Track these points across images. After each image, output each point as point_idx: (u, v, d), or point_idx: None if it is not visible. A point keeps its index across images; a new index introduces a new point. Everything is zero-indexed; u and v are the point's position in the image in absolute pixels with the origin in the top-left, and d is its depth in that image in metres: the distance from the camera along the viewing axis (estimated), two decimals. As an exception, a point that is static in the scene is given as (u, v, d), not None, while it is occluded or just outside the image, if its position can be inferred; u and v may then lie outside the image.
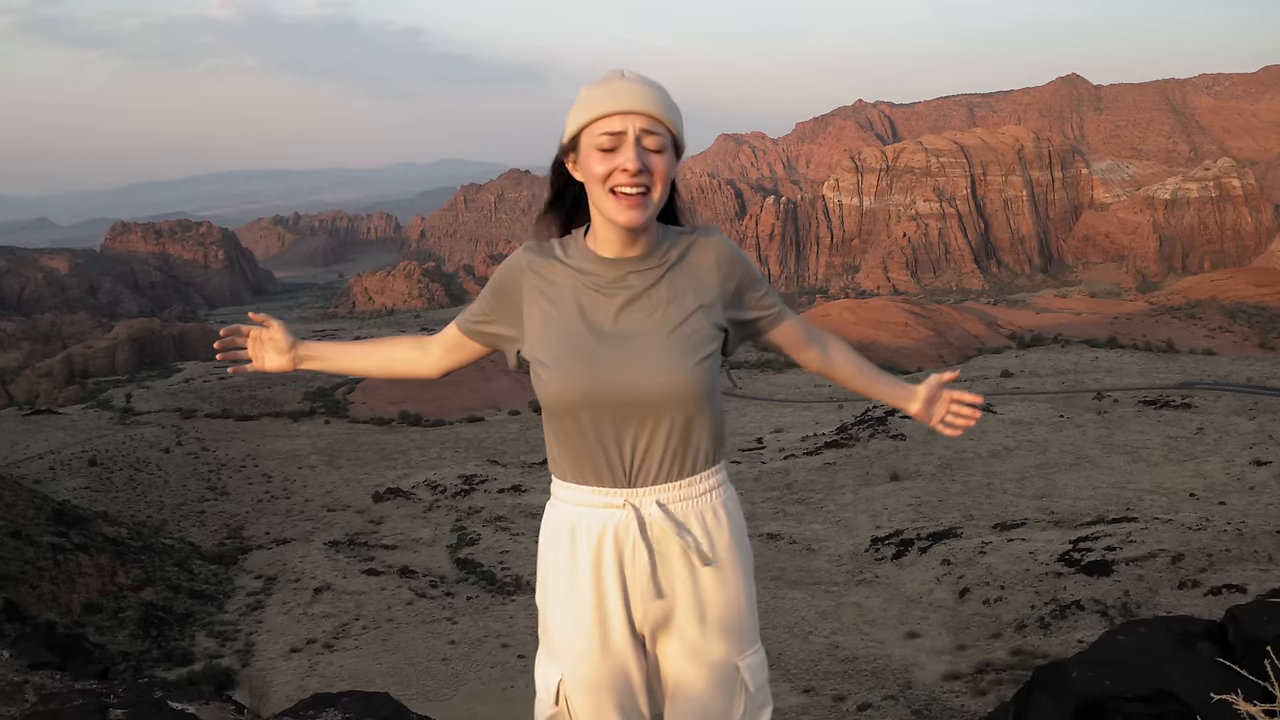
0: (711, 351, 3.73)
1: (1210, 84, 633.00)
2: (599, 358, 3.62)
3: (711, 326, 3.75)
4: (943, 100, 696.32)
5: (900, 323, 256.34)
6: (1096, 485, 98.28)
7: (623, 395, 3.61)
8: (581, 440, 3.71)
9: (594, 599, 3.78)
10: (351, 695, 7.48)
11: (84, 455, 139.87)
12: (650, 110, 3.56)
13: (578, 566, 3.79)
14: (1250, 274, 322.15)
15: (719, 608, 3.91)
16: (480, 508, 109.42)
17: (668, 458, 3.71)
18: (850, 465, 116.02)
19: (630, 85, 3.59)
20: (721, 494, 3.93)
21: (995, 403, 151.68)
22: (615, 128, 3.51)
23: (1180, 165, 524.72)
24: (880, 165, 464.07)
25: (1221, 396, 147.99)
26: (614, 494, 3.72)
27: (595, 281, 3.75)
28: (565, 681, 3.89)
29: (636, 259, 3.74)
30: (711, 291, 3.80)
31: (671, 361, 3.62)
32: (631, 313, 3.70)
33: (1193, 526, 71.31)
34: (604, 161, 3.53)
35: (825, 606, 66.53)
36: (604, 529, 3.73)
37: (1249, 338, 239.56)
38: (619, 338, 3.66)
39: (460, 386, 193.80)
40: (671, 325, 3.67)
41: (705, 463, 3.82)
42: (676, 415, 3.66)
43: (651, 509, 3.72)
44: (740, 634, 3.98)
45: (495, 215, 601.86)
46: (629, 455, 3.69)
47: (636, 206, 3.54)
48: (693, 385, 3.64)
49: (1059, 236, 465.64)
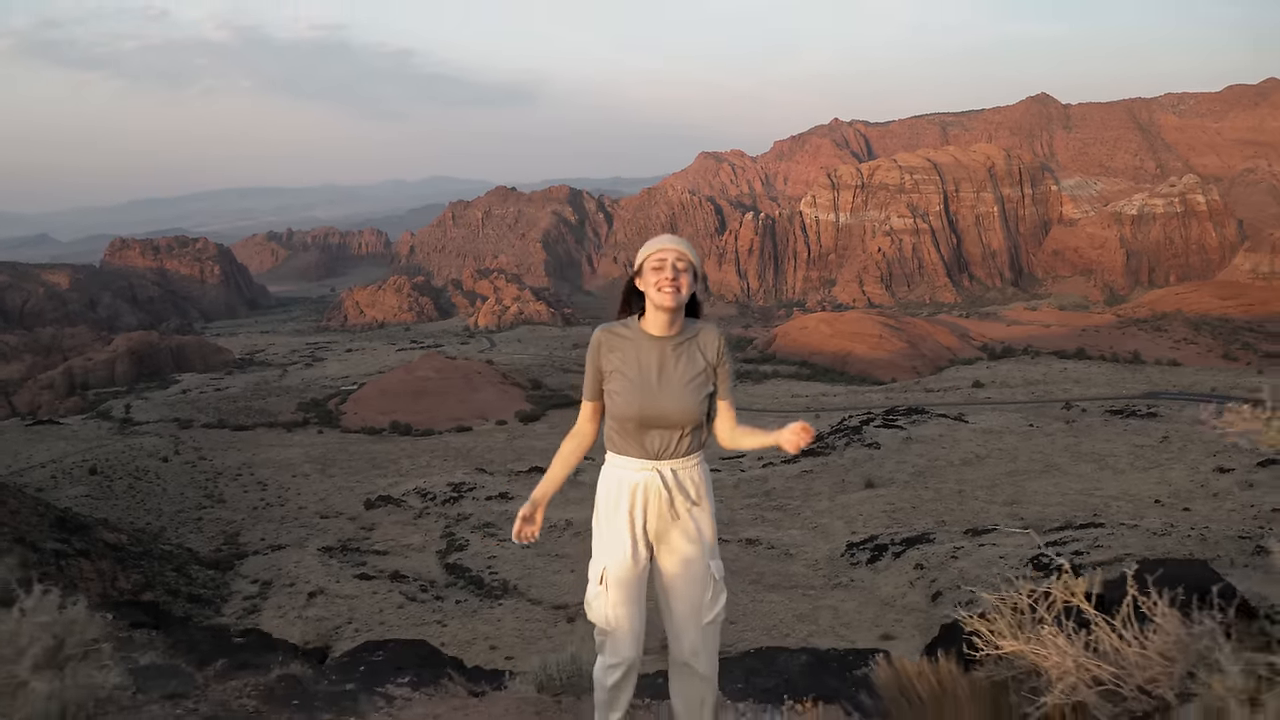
0: (708, 395, 6.38)
1: (1176, 103, 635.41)
2: (645, 394, 6.23)
3: (709, 382, 6.37)
4: (917, 119, 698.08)
5: (875, 335, 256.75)
6: (1065, 492, 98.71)
7: (655, 416, 6.25)
8: (629, 434, 6.34)
9: (629, 523, 6.37)
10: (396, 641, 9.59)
11: (85, 464, 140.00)
12: (681, 250, 6.21)
13: (619, 504, 6.40)
14: (1214, 287, 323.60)
15: (698, 531, 6.45)
16: (469, 514, 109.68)
17: (678, 447, 6.36)
18: (827, 473, 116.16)
19: (670, 237, 6.27)
20: (700, 467, 6.54)
21: (967, 412, 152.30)
22: (662, 256, 6.18)
23: (1147, 182, 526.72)
24: (856, 182, 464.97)
25: (1186, 406, 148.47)
26: (645, 464, 6.35)
27: (645, 348, 6.29)
28: (607, 571, 6.41)
29: (670, 337, 6.30)
30: (710, 361, 6.38)
31: (686, 400, 6.26)
32: (665, 369, 6.26)
33: (1158, 532, 71.91)
34: (655, 273, 6.16)
35: (802, 609, 66.97)
36: (636, 483, 6.36)
37: (1213, 349, 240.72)
38: (657, 383, 6.24)
39: (448, 398, 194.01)
40: (687, 379, 6.27)
41: (694, 450, 6.49)
42: (685, 426, 6.33)
43: (666, 472, 6.36)
44: (709, 547, 6.50)
45: (483, 231, 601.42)
46: (655, 445, 6.33)
47: (670, 296, 6.11)
48: (696, 413, 6.32)
49: (1029, 251, 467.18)
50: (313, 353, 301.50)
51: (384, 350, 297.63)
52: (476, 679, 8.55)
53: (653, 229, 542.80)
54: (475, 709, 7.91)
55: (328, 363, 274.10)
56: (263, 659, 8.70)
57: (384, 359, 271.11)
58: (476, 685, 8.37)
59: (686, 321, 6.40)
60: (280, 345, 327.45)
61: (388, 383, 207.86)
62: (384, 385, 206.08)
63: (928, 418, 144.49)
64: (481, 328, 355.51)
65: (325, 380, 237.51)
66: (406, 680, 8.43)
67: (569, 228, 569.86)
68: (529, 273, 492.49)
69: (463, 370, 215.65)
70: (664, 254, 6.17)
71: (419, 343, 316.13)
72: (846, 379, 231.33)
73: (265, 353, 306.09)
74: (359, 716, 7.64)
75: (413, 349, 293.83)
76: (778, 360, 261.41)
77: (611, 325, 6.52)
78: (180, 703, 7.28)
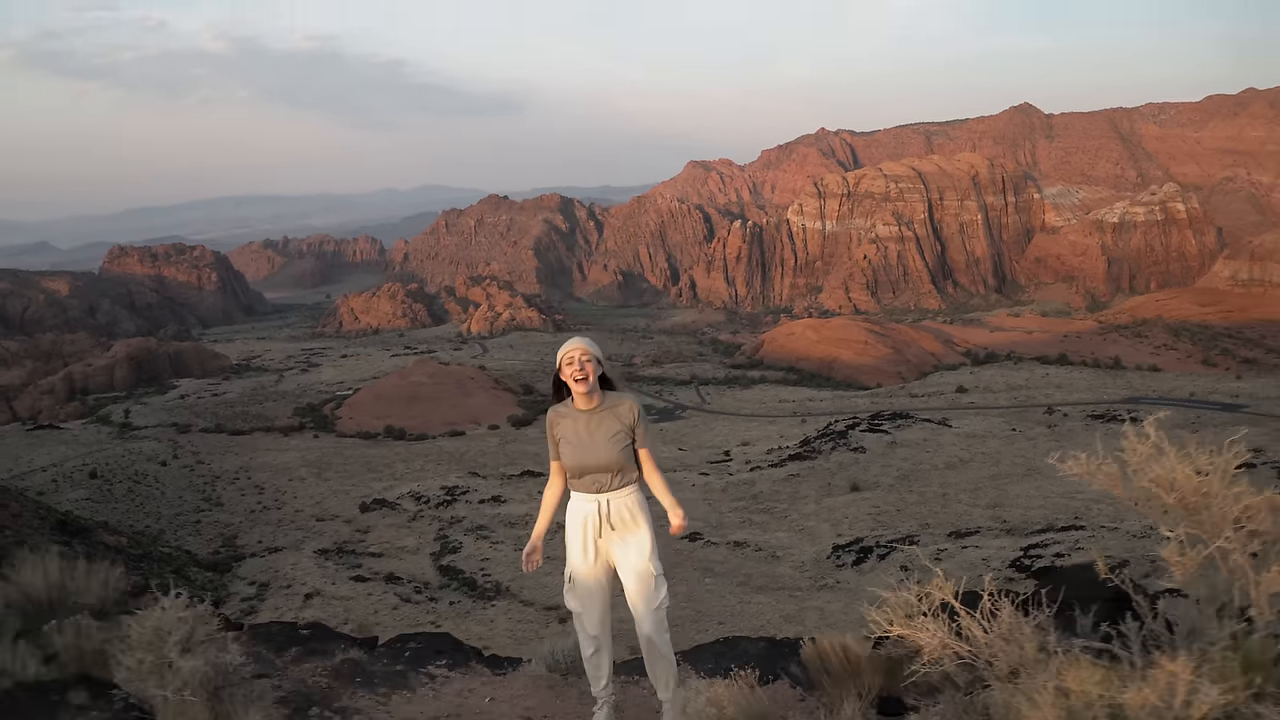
0: (625, 445, 8.66)
1: (1156, 112, 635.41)
2: (581, 450, 8.61)
3: (628, 438, 8.70)
4: (901, 129, 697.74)
5: (861, 341, 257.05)
6: (1046, 495, 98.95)
7: (590, 465, 8.61)
8: (576, 478, 8.75)
9: (582, 536, 8.79)
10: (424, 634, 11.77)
11: (85, 468, 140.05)
12: (584, 347, 8.60)
13: (575, 525, 8.81)
14: (1194, 294, 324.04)
15: (638, 541, 8.78)
16: (462, 517, 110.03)
17: (610, 484, 8.67)
18: (813, 476, 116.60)
19: (576, 339, 8.66)
20: (634, 495, 8.79)
21: (951, 417, 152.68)
22: (571, 355, 8.57)
23: (1128, 190, 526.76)
24: (842, 191, 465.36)
25: (1166, 410, 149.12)
26: (591, 497, 8.74)
27: (578, 419, 8.67)
28: (573, 573, 8.90)
29: (593, 410, 8.66)
30: (628, 424, 8.72)
31: (609, 452, 8.58)
32: (593, 432, 8.61)
33: (1137, 534, 72.19)
34: (568, 367, 8.56)
35: (789, 610, 67.34)
36: (588, 510, 8.74)
37: (1192, 354, 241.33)
38: (589, 441, 8.59)
39: (441, 403, 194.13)
40: (608, 437, 8.59)
41: (625, 484, 8.75)
42: (612, 470, 8.64)
43: (604, 501, 8.72)
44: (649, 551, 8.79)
45: (475, 239, 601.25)
46: (594, 484, 8.69)
47: (581, 384, 8.54)
48: (618, 461, 8.62)
49: (1012, 258, 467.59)
50: (308, 358, 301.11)
51: (378, 356, 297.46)
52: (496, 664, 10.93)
53: (642, 237, 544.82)
54: (501, 684, 10.30)
55: (323, 368, 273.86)
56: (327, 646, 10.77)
57: (378, 365, 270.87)
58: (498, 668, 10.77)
59: (607, 395, 8.84)
60: (276, 351, 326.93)
61: (382, 388, 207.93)
62: (379, 390, 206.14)
63: (912, 422, 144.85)
64: (474, 334, 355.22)
65: (321, 385, 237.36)
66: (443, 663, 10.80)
67: (560, 235, 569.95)
68: (521, 280, 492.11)
69: (456, 376, 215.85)
70: (572, 354, 8.63)
71: (413, 349, 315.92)
72: (833, 384, 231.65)
73: (262, 358, 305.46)
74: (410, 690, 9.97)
75: (407, 355, 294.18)
76: (765, 366, 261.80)
77: (556, 407, 8.93)
78: (269, 680, 9.09)
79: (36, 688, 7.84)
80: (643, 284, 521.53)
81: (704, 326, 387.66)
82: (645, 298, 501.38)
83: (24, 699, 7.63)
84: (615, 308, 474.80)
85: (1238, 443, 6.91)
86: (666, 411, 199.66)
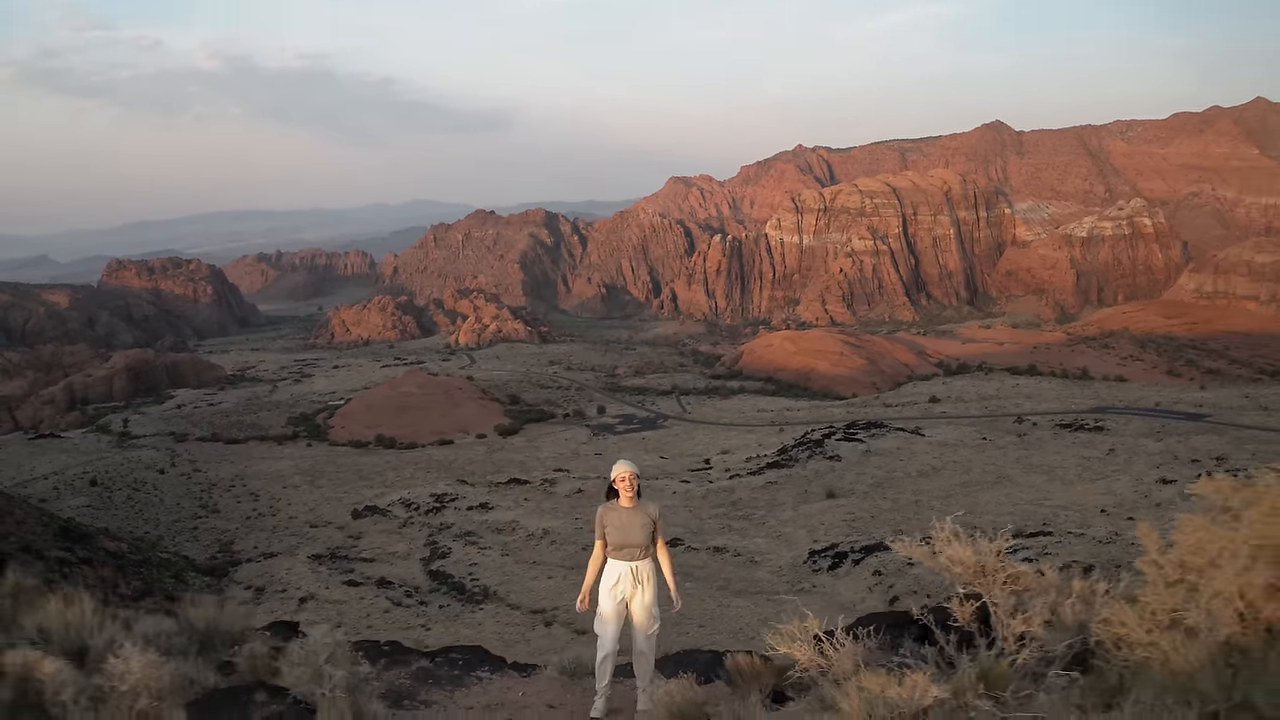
0: (650, 532, 12.80)
1: (1124, 129, 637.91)
2: (621, 534, 12.75)
3: (650, 527, 12.83)
4: (877, 145, 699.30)
5: (837, 352, 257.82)
6: (1016, 502, 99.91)
7: (626, 544, 12.75)
8: (616, 550, 12.84)
9: (613, 589, 12.80)
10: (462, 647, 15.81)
11: (85, 476, 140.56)
12: (632, 471, 12.87)
13: (610, 580, 12.86)
14: (1159, 306, 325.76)
15: (649, 593, 12.83)
16: (451, 524, 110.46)
17: (636, 555, 12.80)
18: (790, 484, 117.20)
19: (625, 463, 12.94)
20: (649, 564, 12.93)
21: (924, 426, 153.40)
22: (623, 476, 12.81)
23: (1096, 205, 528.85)
24: (819, 206, 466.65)
25: (1132, 420, 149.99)
26: (623, 563, 12.84)
27: (621, 513, 12.80)
28: (603, 611, 12.79)
29: (631, 508, 12.79)
30: (653, 518, 12.87)
31: (639, 536, 12.72)
32: (630, 520, 12.76)
33: (1103, 540, 73.01)
34: (620, 483, 12.83)
35: (766, 613, 67.84)
36: (621, 571, 12.85)
37: (1157, 365, 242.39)
38: (628, 528, 12.73)
39: (431, 412, 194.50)
40: (639, 526, 12.73)
41: (646, 557, 12.88)
42: (639, 548, 12.77)
43: (633, 565, 12.82)
44: (653, 601, 12.81)
45: (463, 252, 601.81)
46: (629, 554, 12.79)
47: (629, 499, 12.81)
48: (644, 542, 12.78)
49: (984, 271, 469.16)
50: (301, 369, 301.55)
51: (369, 367, 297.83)
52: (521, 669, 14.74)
53: (625, 250, 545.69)
54: (527, 683, 14.02)
55: (316, 379, 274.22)
56: (404, 658, 14.66)
57: (369, 375, 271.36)
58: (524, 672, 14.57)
59: (640, 500, 13.01)
60: (270, 362, 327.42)
61: (373, 398, 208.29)
62: (369, 400, 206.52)
63: (886, 431, 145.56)
64: (462, 345, 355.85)
65: (313, 395, 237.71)
66: (485, 669, 14.55)
67: (545, 249, 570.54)
68: (507, 292, 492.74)
69: (444, 386, 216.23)
70: (624, 475, 12.82)
71: (402, 360, 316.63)
72: (809, 394, 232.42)
73: (256, 369, 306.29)
74: (466, 688, 13.70)
75: (396, 366, 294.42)
76: (744, 376, 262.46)
77: (606, 504, 13.05)
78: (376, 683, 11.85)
79: (228, 692, 10.89)
80: (625, 296, 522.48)
81: (685, 338, 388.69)
82: (628, 310, 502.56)
83: (222, 699, 10.68)
84: (599, 320, 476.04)
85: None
86: (649, 421, 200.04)
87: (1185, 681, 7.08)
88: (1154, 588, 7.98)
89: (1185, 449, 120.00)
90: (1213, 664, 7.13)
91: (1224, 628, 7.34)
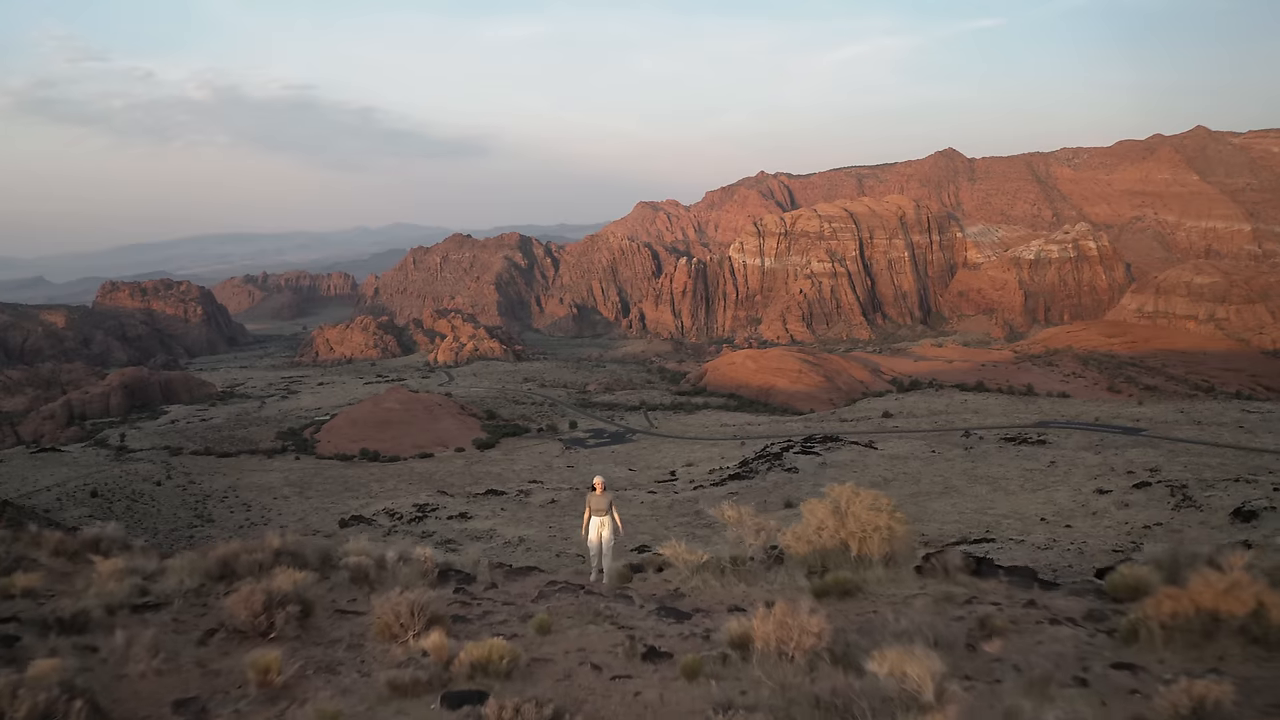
0: (610, 504, 23.71)
1: (1071, 157, 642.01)
2: (596, 504, 23.57)
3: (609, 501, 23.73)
4: (835, 171, 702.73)
5: (796, 369, 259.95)
6: (961, 511, 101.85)
7: (598, 509, 23.53)
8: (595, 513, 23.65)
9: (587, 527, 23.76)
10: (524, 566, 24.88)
11: (86, 487, 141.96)
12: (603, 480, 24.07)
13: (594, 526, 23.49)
14: (1101, 326, 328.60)
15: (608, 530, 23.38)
16: (432, 532, 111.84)
17: (604, 513, 23.51)
18: (751, 494, 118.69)
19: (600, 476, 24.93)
20: (610, 517, 23.51)
21: (877, 440, 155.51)
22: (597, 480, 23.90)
23: (1043, 229, 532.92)
24: (780, 230, 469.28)
25: (1072, 434, 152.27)
26: (597, 517, 23.55)
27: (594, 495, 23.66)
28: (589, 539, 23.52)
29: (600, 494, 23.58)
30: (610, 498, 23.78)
31: (605, 505, 23.54)
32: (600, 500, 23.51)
33: (1042, 546, 75.05)
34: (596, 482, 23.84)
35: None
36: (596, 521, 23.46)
37: (1099, 382, 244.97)
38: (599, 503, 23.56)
39: (412, 427, 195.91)
40: (605, 500, 23.60)
41: (608, 513, 23.55)
42: (605, 510, 23.58)
43: (602, 518, 23.48)
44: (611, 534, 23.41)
45: (441, 274, 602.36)
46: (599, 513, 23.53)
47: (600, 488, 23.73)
48: (608, 508, 23.62)
49: (936, 292, 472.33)
50: (288, 386, 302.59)
51: (353, 384, 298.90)
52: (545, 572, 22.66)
53: (595, 272, 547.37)
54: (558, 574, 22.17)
55: (302, 395, 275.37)
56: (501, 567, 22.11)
57: (353, 392, 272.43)
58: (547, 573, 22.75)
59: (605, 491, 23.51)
60: (258, 379, 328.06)
61: (357, 413, 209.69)
62: (354, 416, 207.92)
63: (841, 445, 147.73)
64: (441, 363, 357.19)
65: (300, 411, 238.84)
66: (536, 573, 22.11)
67: (519, 271, 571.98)
68: (483, 312, 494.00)
69: (424, 402, 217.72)
70: (597, 480, 23.43)
71: (384, 377, 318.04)
72: (770, 409, 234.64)
73: (245, 386, 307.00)
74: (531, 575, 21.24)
75: (379, 383, 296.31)
76: (708, 393, 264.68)
77: (589, 493, 23.57)
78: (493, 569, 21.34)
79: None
80: (595, 316, 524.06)
81: (652, 356, 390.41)
82: (598, 329, 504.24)
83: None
84: (570, 338, 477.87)
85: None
86: (618, 435, 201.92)
87: (806, 559, 18.76)
88: (803, 528, 19.38)
89: (1122, 461, 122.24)
90: (818, 555, 18.66)
91: (821, 544, 18.83)
